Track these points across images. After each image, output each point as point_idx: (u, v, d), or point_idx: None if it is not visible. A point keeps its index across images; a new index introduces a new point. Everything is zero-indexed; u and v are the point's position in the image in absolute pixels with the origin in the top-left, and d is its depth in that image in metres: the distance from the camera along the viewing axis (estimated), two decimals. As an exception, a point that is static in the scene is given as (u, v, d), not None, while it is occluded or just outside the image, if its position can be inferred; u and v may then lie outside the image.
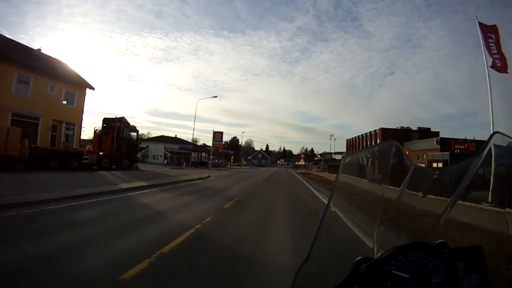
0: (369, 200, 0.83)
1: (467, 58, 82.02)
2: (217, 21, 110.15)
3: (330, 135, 60.81)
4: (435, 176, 0.74)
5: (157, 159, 45.96)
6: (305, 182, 16.85)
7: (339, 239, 0.84)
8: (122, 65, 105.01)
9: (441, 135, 32.72)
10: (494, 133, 0.68)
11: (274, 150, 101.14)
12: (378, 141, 37.63)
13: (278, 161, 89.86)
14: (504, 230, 0.68)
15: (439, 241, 0.65)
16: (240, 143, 78.77)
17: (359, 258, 0.65)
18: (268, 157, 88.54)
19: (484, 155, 0.66)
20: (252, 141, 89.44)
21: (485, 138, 0.64)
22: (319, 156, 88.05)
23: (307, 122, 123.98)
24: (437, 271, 0.60)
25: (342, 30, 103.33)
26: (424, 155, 27.99)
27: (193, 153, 40.58)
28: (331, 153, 57.28)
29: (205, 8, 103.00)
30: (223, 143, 79.60)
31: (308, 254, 0.68)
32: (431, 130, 35.75)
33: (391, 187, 0.77)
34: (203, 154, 45.76)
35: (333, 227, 0.78)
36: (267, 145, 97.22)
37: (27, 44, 18.16)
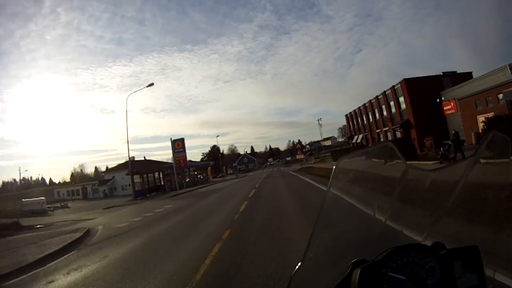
0: (364, 201, 1.05)
1: (429, 20, 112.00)
2: (178, 36, 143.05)
3: (318, 120, 67.11)
4: (430, 176, 0.95)
5: (126, 189, 48.43)
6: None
7: (335, 241, 1.06)
8: (94, 100, 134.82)
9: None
10: (490, 132, 0.88)
11: (260, 152, 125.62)
12: (403, 100, 33.83)
13: (268, 161, 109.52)
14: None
15: (435, 241, 0.87)
16: (221, 151, 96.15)
17: (354, 260, 0.86)
18: (254, 159, 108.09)
19: (479, 154, 0.87)
20: (236, 147, 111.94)
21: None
22: (308, 146, 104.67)
23: (287, 117, 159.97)
24: (433, 272, 0.83)
25: (302, 19, 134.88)
26: (489, 99, 22.92)
27: (138, 176, 39.14)
28: (320, 140, 69.57)
29: (163, 26, 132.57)
30: (203, 155, 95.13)
31: (303, 257, 0.89)
32: (457, 72, 33.68)
33: (386, 188, 0.98)
34: (156, 174, 44.92)
35: (328, 229, 1.00)
36: (252, 147, 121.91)
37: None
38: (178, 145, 42.91)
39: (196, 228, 9.11)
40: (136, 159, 55.09)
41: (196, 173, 53.96)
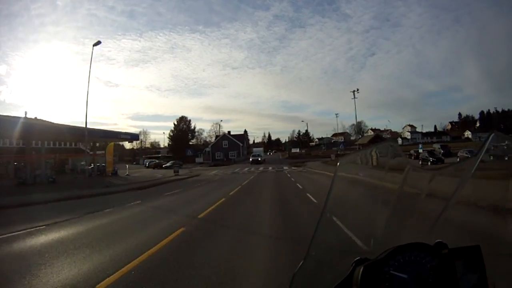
0: (366, 200, 1.07)
1: (447, 33, 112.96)
2: (192, 16, 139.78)
3: (354, 91, 47.43)
4: (433, 176, 0.96)
5: None
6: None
7: (337, 239, 1.08)
8: (99, 72, 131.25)
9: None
10: (492, 133, 0.89)
11: (257, 141, 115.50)
12: None
13: (253, 153, 58.84)
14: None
15: (438, 241, 0.88)
16: (193, 126, 73.61)
17: (357, 258, 0.87)
18: (240, 145, 69.85)
19: (482, 154, 0.88)
20: (227, 130, 76.78)
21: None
22: (316, 140, 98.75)
23: (290, 111, 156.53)
24: (436, 271, 0.84)
25: (319, 15, 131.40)
26: None
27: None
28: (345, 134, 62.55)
29: (177, 3, 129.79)
30: (172, 132, 70.56)
31: (305, 255, 0.91)
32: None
33: (389, 187, 0.99)
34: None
35: (330, 227, 1.01)
36: (245, 131, 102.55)
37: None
38: None
39: None
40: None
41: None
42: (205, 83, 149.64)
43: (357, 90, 47.82)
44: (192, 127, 76.24)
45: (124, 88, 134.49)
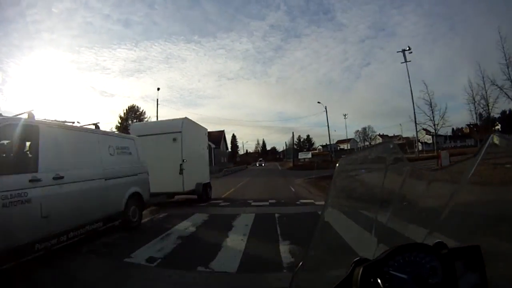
0: (366, 201, 1.08)
1: (442, 41, 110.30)
2: (187, 25, 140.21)
3: (403, 50, 36.08)
4: (432, 176, 0.98)
5: None
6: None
7: (336, 240, 1.09)
8: (94, 81, 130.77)
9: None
10: (492, 133, 0.89)
11: (251, 151, 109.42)
12: None
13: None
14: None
15: (437, 241, 0.89)
16: (147, 119, 44.85)
17: (356, 259, 0.88)
18: (214, 147, 43.99)
19: (481, 155, 0.88)
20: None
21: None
22: (320, 147, 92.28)
23: (286, 122, 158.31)
24: (435, 272, 0.84)
25: (315, 24, 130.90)
26: None
27: None
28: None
29: (173, 13, 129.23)
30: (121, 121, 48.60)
31: (305, 256, 0.93)
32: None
33: (388, 187, 1.00)
34: None
35: (330, 228, 1.02)
36: (234, 135, 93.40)
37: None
38: None
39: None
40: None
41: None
42: (200, 94, 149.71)
43: (409, 49, 35.68)
44: (145, 119, 51.39)
45: (119, 98, 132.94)
